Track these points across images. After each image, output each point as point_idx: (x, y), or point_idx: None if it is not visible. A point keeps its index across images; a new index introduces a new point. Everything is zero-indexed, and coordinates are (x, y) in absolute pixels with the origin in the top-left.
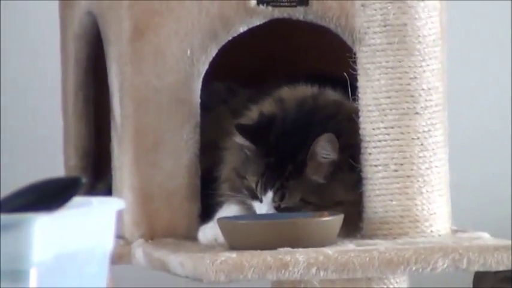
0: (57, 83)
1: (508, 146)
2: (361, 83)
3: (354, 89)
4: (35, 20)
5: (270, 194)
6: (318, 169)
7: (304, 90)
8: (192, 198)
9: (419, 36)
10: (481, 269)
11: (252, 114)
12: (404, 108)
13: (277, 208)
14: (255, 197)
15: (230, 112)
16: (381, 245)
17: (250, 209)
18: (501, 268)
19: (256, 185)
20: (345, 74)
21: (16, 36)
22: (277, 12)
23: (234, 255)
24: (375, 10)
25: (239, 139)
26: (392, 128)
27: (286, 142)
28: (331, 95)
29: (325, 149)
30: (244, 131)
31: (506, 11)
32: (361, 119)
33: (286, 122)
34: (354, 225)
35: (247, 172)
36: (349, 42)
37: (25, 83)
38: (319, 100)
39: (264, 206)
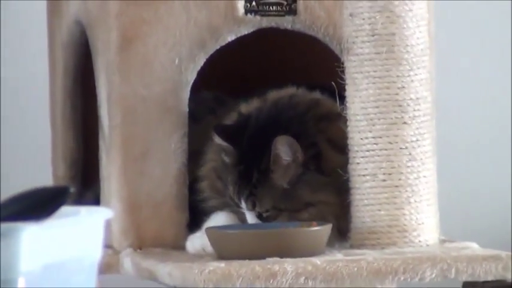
0: (47, 91)
1: (506, 155)
2: (349, 92)
3: (342, 98)
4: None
5: (243, 204)
6: (282, 173)
7: (289, 91)
8: (180, 208)
9: (407, 45)
10: (470, 279)
11: (240, 110)
12: (392, 118)
13: (259, 217)
14: (238, 206)
15: (218, 121)
16: (369, 255)
17: (238, 217)
18: (489, 278)
19: (233, 194)
20: (333, 83)
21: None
22: (265, 22)
23: (222, 264)
24: (363, 20)
25: (218, 140)
26: (380, 137)
27: (254, 146)
28: (313, 94)
29: (283, 152)
30: (222, 132)
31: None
32: (349, 129)
33: (257, 123)
34: (333, 226)
35: (227, 180)
36: (337, 52)
37: (16, 91)
38: (295, 98)
39: (247, 216)
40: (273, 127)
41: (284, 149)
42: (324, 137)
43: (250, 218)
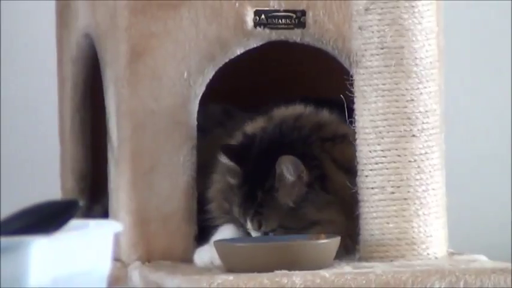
0: (56, 104)
1: (507, 167)
2: (358, 105)
3: (351, 111)
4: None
5: (249, 224)
6: (287, 192)
7: (296, 110)
8: (189, 221)
9: (416, 58)
10: None
11: (246, 130)
12: (401, 131)
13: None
14: (243, 225)
15: (227, 135)
16: (377, 268)
17: (245, 231)
18: None
19: (239, 215)
20: (342, 96)
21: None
22: (275, 35)
23: (231, 277)
24: (372, 33)
25: (224, 159)
26: (389, 150)
27: (258, 167)
28: (320, 115)
29: (289, 171)
30: (228, 152)
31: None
32: (357, 142)
33: (262, 144)
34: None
35: (233, 202)
36: (346, 65)
37: (25, 103)
38: (300, 120)
39: (254, 235)
40: (277, 148)
41: (288, 168)
42: (329, 157)
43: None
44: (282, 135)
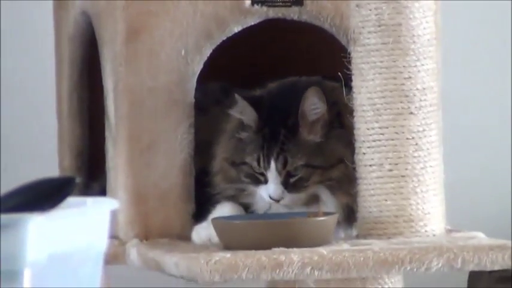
0: (53, 83)
1: (507, 145)
2: (356, 83)
3: (349, 89)
4: (35, 20)
5: (273, 165)
6: (311, 128)
7: (290, 78)
8: (186, 198)
9: (413, 36)
10: (476, 269)
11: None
12: (398, 108)
13: (286, 184)
14: (258, 181)
15: (224, 113)
16: (375, 245)
17: (244, 208)
18: (496, 268)
19: (258, 162)
20: (339, 74)
21: (16, 36)
22: (272, 13)
23: (228, 255)
24: (370, 10)
25: (236, 111)
26: (386, 128)
27: (276, 111)
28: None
29: (314, 104)
30: (245, 97)
31: (506, 11)
32: (355, 119)
33: (272, 97)
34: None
35: (246, 155)
36: (343, 42)
37: (23, 82)
38: (300, 80)
39: (270, 186)
40: (293, 94)
41: (314, 101)
42: (341, 101)
43: (266, 191)
44: (291, 86)
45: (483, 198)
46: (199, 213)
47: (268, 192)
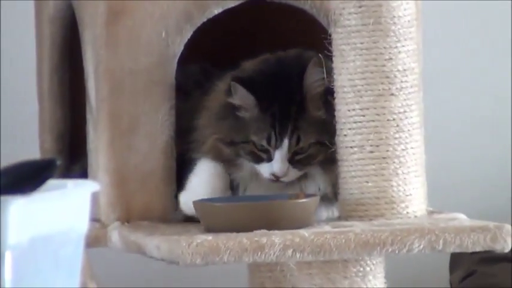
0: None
1: (492, 126)
2: (337, 64)
3: (330, 70)
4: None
5: (286, 142)
6: (316, 103)
7: (265, 55)
8: (168, 181)
9: (394, 17)
10: (457, 250)
11: (220, 87)
12: (379, 90)
13: (292, 161)
14: (259, 159)
15: (205, 95)
16: (356, 227)
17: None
18: (477, 249)
19: (269, 140)
20: (320, 55)
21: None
22: None
23: (210, 237)
24: None
25: (237, 98)
26: (367, 109)
27: (279, 88)
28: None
29: (317, 75)
30: (245, 84)
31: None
32: (336, 101)
33: (265, 76)
34: None
35: (250, 134)
36: (324, 24)
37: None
38: (279, 54)
39: (276, 163)
40: (284, 67)
41: (317, 71)
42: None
43: (281, 165)
44: (281, 61)
45: (464, 179)
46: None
47: (272, 169)
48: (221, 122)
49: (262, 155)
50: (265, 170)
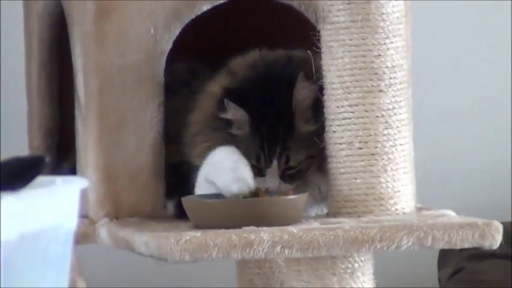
0: None
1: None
2: (325, 61)
3: (318, 67)
4: None
5: (275, 163)
6: (305, 117)
7: (253, 54)
8: (157, 177)
9: (383, 13)
10: (446, 247)
11: (211, 90)
12: (368, 86)
13: (283, 177)
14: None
15: (192, 94)
16: (345, 223)
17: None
18: (466, 246)
19: (258, 160)
20: (309, 52)
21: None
22: None
23: (198, 234)
24: None
25: (230, 114)
26: (356, 105)
27: (266, 105)
28: (277, 51)
29: (305, 88)
30: (238, 99)
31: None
32: (325, 97)
33: (256, 88)
34: None
35: (241, 152)
36: (312, 20)
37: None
38: (268, 58)
39: (268, 179)
40: (273, 77)
41: (305, 85)
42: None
43: (273, 181)
44: (269, 70)
45: (453, 176)
46: (169, 193)
47: (264, 184)
48: (212, 131)
49: (254, 170)
50: (258, 183)
